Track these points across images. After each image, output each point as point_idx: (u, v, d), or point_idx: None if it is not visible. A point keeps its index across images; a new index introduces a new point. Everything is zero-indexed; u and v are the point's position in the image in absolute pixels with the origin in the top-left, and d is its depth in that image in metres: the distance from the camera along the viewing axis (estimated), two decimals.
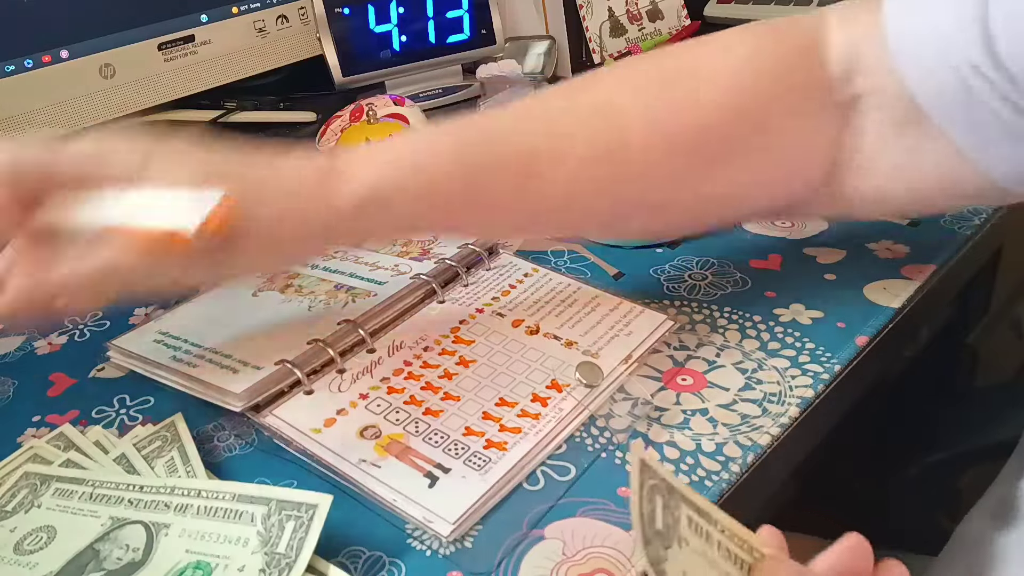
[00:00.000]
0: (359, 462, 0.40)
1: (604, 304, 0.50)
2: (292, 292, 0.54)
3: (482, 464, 0.39)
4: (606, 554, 0.35)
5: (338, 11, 0.86)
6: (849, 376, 0.45)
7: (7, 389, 0.50)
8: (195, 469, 0.40)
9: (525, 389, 0.44)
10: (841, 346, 0.46)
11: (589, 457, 0.40)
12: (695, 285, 0.52)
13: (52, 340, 0.55)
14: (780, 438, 0.41)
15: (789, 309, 0.49)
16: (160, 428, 0.43)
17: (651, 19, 1.00)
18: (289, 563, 0.33)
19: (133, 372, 0.50)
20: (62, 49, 0.77)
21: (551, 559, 0.35)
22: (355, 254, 0.58)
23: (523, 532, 0.36)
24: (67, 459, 0.42)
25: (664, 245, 0.57)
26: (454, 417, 0.43)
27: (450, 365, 0.47)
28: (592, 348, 0.47)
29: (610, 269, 0.55)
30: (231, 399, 0.44)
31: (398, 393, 0.45)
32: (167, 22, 0.83)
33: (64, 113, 0.79)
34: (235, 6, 0.88)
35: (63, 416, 0.47)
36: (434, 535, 0.36)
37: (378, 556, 0.36)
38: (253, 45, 0.90)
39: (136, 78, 0.82)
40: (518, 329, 0.49)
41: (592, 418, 0.42)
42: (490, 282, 0.54)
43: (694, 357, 0.46)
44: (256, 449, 0.43)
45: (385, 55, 0.89)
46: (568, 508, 0.37)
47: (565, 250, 0.58)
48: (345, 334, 0.48)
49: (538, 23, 0.96)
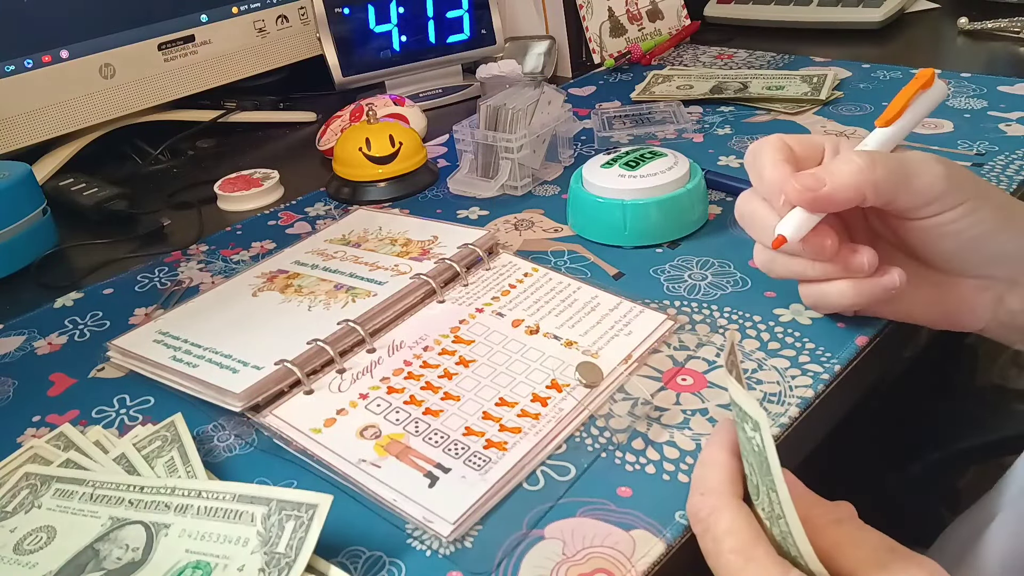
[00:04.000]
0: (359, 462, 0.40)
1: (604, 304, 0.50)
2: (292, 292, 0.54)
3: (482, 464, 0.39)
4: (606, 554, 0.35)
5: (338, 11, 0.86)
6: (849, 376, 0.45)
7: (7, 389, 0.50)
8: (195, 469, 0.40)
9: (525, 389, 0.44)
10: (841, 346, 0.46)
11: (589, 457, 0.40)
12: (695, 285, 0.52)
13: (52, 340, 0.55)
14: (780, 438, 0.41)
15: (789, 309, 0.49)
16: (160, 428, 0.43)
17: (651, 19, 1.00)
18: (289, 563, 0.33)
19: (133, 372, 0.50)
20: (62, 49, 0.77)
21: (551, 559, 0.35)
22: (355, 254, 0.58)
23: (523, 532, 0.36)
24: (67, 459, 0.42)
25: (664, 245, 0.57)
26: (454, 417, 0.43)
27: (450, 365, 0.47)
28: (592, 348, 0.47)
29: (610, 269, 0.55)
30: (231, 399, 0.44)
31: (398, 393, 0.45)
32: (167, 22, 0.83)
33: (64, 113, 0.79)
34: (235, 6, 0.88)
35: (63, 416, 0.47)
36: (434, 535, 0.36)
37: (378, 556, 0.36)
38: (253, 45, 0.90)
39: (136, 78, 0.82)
40: (518, 329, 0.49)
41: (592, 418, 0.42)
42: (490, 282, 0.54)
43: (694, 357, 0.46)
44: (256, 449, 0.43)
45: (385, 55, 0.89)
46: (568, 508, 0.37)
47: (565, 250, 0.58)
48: (345, 334, 0.48)
49: (538, 23, 0.96)
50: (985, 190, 0.42)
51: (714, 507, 0.33)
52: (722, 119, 0.77)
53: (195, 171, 0.83)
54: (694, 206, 0.58)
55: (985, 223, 0.42)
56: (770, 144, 0.44)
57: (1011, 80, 0.78)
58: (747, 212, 0.46)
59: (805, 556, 0.31)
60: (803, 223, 0.42)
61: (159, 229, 0.69)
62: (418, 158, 0.71)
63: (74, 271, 0.65)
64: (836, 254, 0.43)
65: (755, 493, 0.33)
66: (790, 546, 0.31)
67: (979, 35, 0.94)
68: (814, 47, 0.94)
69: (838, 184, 0.41)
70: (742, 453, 0.34)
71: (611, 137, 0.75)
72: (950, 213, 0.41)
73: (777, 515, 0.31)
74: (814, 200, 0.41)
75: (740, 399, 0.31)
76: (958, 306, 0.45)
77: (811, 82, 0.80)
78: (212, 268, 0.62)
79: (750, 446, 0.31)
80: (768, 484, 0.31)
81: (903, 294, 0.43)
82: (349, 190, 0.70)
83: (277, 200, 0.73)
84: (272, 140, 0.90)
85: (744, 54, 0.94)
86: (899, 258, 0.45)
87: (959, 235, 0.42)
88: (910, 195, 0.41)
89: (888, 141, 0.44)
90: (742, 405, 0.31)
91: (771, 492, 0.31)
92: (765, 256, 0.46)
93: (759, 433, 0.30)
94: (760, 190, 0.45)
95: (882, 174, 0.41)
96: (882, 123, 0.44)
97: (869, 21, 0.97)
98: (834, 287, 0.44)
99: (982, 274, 0.44)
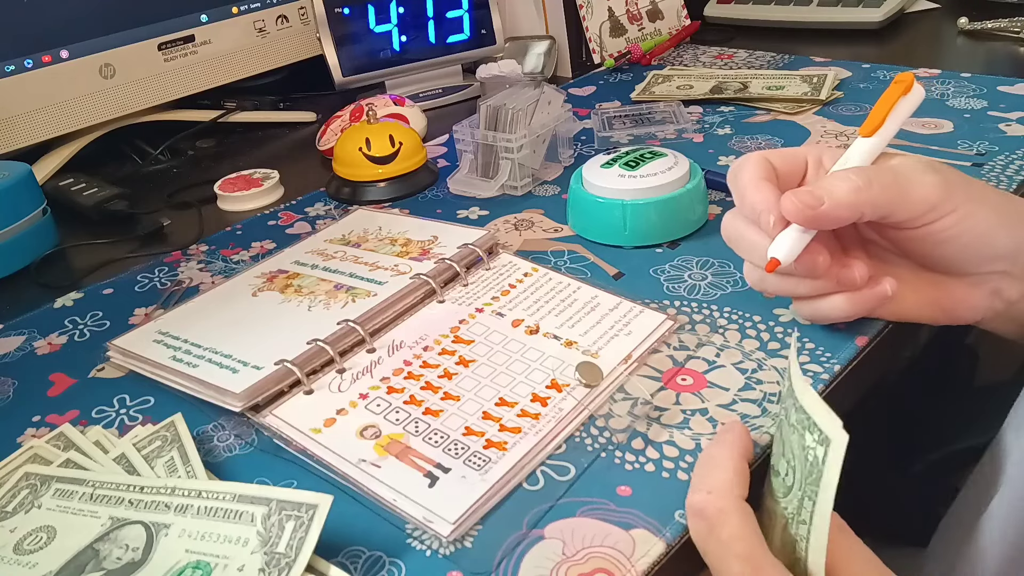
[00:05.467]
0: (359, 462, 0.40)
1: (604, 304, 0.50)
2: (292, 292, 0.54)
3: (482, 464, 0.39)
4: (606, 554, 0.35)
5: (338, 11, 0.86)
6: (849, 376, 0.45)
7: (7, 389, 0.50)
8: (195, 469, 0.40)
9: (525, 389, 0.44)
10: (841, 346, 0.46)
11: (589, 457, 0.40)
12: (695, 285, 0.52)
13: (52, 340, 0.55)
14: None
15: (789, 309, 0.49)
16: (160, 428, 0.43)
17: (651, 19, 1.00)
18: (289, 563, 0.33)
19: (133, 372, 0.50)
20: (62, 49, 0.77)
21: (551, 559, 0.35)
22: (355, 254, 0.58)
23: (523, 532, 0.36)
24: (67, 459, 0.42)
25: (664, 245, 0.57)
26: (454, 417, 0.43)
27: (450, 365, 0.47)
28: (592, 348, 0.47)
29: (610, 269, 0.55)
30: (231, 399, 0.44)
31: (398, 393, 0.45)
32: (167, 22, 0.83)
33: (64, 113, 0.79)
34: (235, 6, 0.88)
35: (63, 416, 0.47)
36: (434, 535, 0.36)
37: (378, 556, 0.36)
38: (253, 45, 0.90)
39: (136, 78, 0.82)
40: (518, 329, 0.49)
41: (592, 418, 0.42)
42: (490, 282, 0.54)
43: (694, 357, 0.46)
44: (256, 449, 0.43)
45: (385, 55, 0.89)
46: (568, 508, 0.37)
47: (565, 250, 0.58)
48: (345, 334, 0.48)
49: (538, 23, 0.96)
50: (979, 192, 0.42)
51: (721, 508, 0.33)
52: (722, 119, 0.77)
53: (195, 171, 0.83)
54: (694, 206, 0.58)
55: (980, 226, 0.42)
56: (751, 163, 0.44)
57: (1011, 80, 0.78)
58: (734, 234, 0.45)
59: (812, 564, 0.31)
60: (795, 244, 0.42)
61: (159, 229, 0.69)
62: (418, 158, 0.71)
63: (74, 271, 0.65)
64: (828, 270, 0.43)
65: (783, 491, 0.33)
66: (799, 549, 0.31)
67: (979, 35, 0.94)
68: (814, 47, 0.94)
69: (836, 202, 0.41)
70: (779, 449, 0.34)
71: (611, 137, 0.75)
72: (946, 220, 0.41)
73: (802, 520, 0.31)
74: (813, 218, 0.41)
75: (814, 409, 0.31)
76: (954, 302, 0.45)
77: (811, 82, 0.80)
78: (212, 268, 0.62)
79: (803, 453, 0.31)
80: (810, 493, 0.31)
81: (899, 296, 0.43)
82: (349, 190, 0.70)
83: (277, 200, 0.73)
84: (272, 140, 0.90)
85: (744, 54, 0.94)
86: (893, 260, 0.45)
87: (956, 240, 0.42)
88: (906, 208, 0.41)
89: (872, 151, 0.44)
90: (814, 415, 0.30)
91: (808, 500, 0.31)
92: (756, 275, 0.46)
93: (825, 448, 0.30)
94: (743, 211, 0.44)
95: (878, 191, 0.41)
96: (866, 133, 0.44)
97: (869, 21, 0.97)
98: (827, 302, 0.44)
99: (979, 271, 0.44)
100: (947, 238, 0.42)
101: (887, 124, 0.43)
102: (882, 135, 0.43)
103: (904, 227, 0.42)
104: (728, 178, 0.46)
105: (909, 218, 0.41)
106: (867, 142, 0.43)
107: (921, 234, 0.42)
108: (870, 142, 0.43)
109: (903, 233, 0.43)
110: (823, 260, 0.42)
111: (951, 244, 0.42)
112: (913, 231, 0.42)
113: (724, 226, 0.46)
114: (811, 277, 0.44)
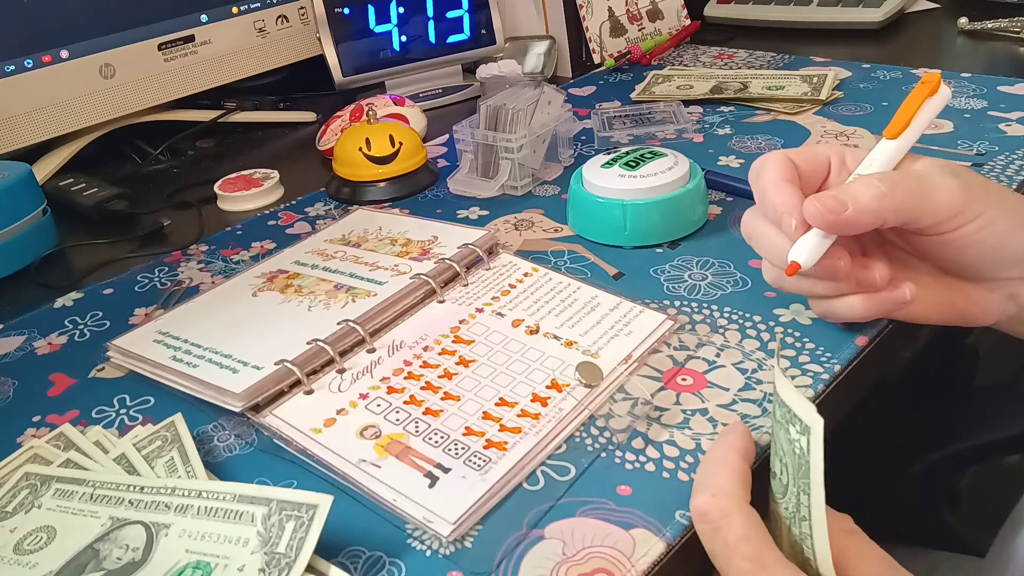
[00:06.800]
0: (359, 462, 0.40)
1: (604, 304, 0.50)
2: (292, 292, 0.54)
3: (482, 464, 0.39)
4: (606, 554, 0.35)
5: (338, 11, 0.86)
6: (849, 376, 0.45)
7: (7, 389, 0.50)
8: (195, 469, 0.40)
9: (525, 389, 0.44)
10: (841, 346, 0.46)
11: (589, 457, 0.40)
12: (695, 285, 0.52)
13: (52, 340, 0.55)
14: None
15: (789, 309, 0.49)
16: (160, 428, 0.43)
17: (651, 19, 1.00)
18: (289, 563, 0.33)
19: (133, 372, 0.50)
20: (62, 49, 0.77)
21: (551, 559, 0.35)
22: (355, 254, 0.58)
23: (523, 532, 0.36)
24: (67, 459, 0.42)
25: (664, 245, 0.57)
26: (454, 417, 0.43)
27: (450, 365, 0.47)
28: (592, 348, 0.47)
29: (610, 269, 0.55)
30: (231, 399, 0.44)
31: (398, 393, 0.45)
32: (167, 22, 0.83)
33: (64, 113, 0.79)
34: (235, 6, 0.88)
35: (63, 416, 0.47)
36: (434, 535, 0.36)
37: (378, 556, 0.36)
38: (253, 45, 0.90)
39: (136, 78, 0.82)
40: (518, 329, 0.49)
41: (592, 418, 0.42)
42: (490, 282, 0.54)
43: (694, 357, 0.46)
44: (256, 449, 0.43)
45: (385, 55, 0.89)
46: (568, 508, 0.37)
47: (565, 250, 0.58)
48: (345, 334, 0.48)
49: (538, 23, 0.96)
50: (1000, 197, 0.42)
51: (726, 511, 0.33)
52: (722, 119, 0.77)
53: (195, 171, 0.83)
54: (694, 206, 0.58)
55: (1003, 231, 0.41)
56: (773, 162, 0.44)
57: (1011, 80, 0.78)
58: (754, 232, 0.45)
59: (820, 560, 0.31)
60: (816, 248, 0.41)
61: (159, 229, 0.69)
62: (418, 158, 0.71)
63: (74, 271, 0.65)
64: (848, 273, 0.42)
65: (781, 491, 0.33)
66: (806, 548, 0.31)
67: (979, 35, 0.94)
68: (814, 47, 0.94)
69: (859, 209, 0.40)
70: (774, 450, 0.34)
71: (611, 137, 0.75)
72: (969, 226, 0.41)
73: (802, 517, 0.31)
74: (835, 223, 0.40)
75: (792, 401, 0.31)
76: (969, 305, 0.45)
77: (811, 82, 0.80)
78: (212, 268, 0.62)
79: (790, 447, 0.32)
80: (803, 487, 0.31)
81: (914, 298, 0.43)
82: (349, 190, 0.70)
83: (277, 200, 0.73)
84: (272, 140, 0.90)
85: (744, 54, 0.94)
86: (910, 262, 0.45)
87: (978, 245, 0.42)
88: (930, 214, 0.41)
89: (897, 154, 0.43)
90: (793, 407, 0.31)
91: (803, 494, 0.31)
92: (774, 274, 0.46)
93: (807, 437, 0.30)
94: (763, 211, 0.44)
95: (902, 197, 0.40)
96: (890, 135, 0.43)
97: (869, 21, 0.97)
98: (843, 302, 0.44)
99: (997, 277, 0.44)
100: (969, 244, 0.42)
101: (912, 126, 0.43)
102: (907, 137, 0.43)
103: (927, 232, 0.42)
104: (749, 176, 0.45)
105: (932, 224, 0.41)
106: (892, 144, 0.43)
107: (943, 240, 0.42)
108: (895, 144, 0.43)
109: (924, 238, 0.42)
110: (844, 264, 0.42)
111: (972, 249, 0.42)
112: (935, 236, 0.42)
113: (744, 223, 0.46)
114: (831, 280, 0.43)
